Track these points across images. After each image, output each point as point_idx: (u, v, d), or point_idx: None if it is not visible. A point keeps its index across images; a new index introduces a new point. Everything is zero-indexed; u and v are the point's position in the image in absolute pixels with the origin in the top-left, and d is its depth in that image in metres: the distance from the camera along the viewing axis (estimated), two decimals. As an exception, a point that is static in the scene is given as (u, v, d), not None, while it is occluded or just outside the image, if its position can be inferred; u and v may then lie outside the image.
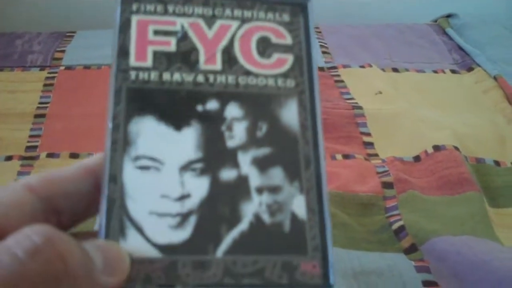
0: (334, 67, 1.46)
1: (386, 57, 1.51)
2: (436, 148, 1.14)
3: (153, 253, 0.27)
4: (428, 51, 1.56)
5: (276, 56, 0.32)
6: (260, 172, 0.29)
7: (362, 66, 1.46)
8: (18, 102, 1.29)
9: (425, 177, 1.09)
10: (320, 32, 1.62)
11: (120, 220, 0.27)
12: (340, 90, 1.37)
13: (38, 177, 0.29)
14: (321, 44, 1.56)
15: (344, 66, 1.46)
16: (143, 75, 0.30)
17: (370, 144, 1.20)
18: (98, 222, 0.28)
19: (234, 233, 0.28)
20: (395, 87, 1.38)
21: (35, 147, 1.17)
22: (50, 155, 1.13)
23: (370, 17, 1.82)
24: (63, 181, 0.29)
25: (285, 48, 0.32)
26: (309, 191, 0.29)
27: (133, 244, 0.27)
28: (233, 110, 0.30)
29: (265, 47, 0.32)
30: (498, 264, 0.82)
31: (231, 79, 0.31)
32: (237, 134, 0.30)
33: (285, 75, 0.31)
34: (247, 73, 0.31)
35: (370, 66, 1.45)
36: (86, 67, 1.42)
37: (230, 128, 0.30)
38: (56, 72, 1.40)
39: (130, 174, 0.28)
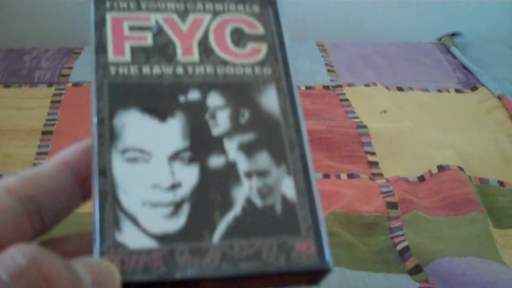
0: (339, 86, 1.47)
1: (390, 75, 1.52)
2: (441, 168, 1.15)
3: (150, 243, 0.27)
4: (432, 69, 1.57)
5: (250, 45, 0.33)
6: (247, 157, 0.29)
7: (367, 85, 1.47)
8: (25, 118, 1.30)
9: (429, 198, 1.10)
10: (325, 50, 1.63)
11: (114, 213, 0.27)
12: (345, 108, 1.38)
13: (15, 178, 0.28)
14: (327, 62, 1.57)
15: (349, 85, 1.47)
16: (123, 70, 0.31)
17: (375, 164, 1.20)
18: (92, 217, 0.28)
19: (228, 218, 0.28)
20: (400, 106, 1.38)
21: (45, 153, 1.18)
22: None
23: (374, 35, 1.83)
24: (40, 179, 0.28)
25: (258, 38, 0.33)
26: (296, 173, 0.29)
27: (129, 235, 0.27)
28: (214, 99, 0.31)
29: (239, 37, 0.33)
30: (503, 286, 0.82)
31: (209, 69, 0.31)
32: (221, 121, 0.30)
33: (261, 63, 0.32)
34: (224, 63, 0.32)
35: (375, 84, 1.46)
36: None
37: (213, 116, 0.30)
38: (63, 89, 1.41)
39: (119, 166, 0.28)
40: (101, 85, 0.30)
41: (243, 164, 0.29)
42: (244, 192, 0.29)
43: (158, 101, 0.30)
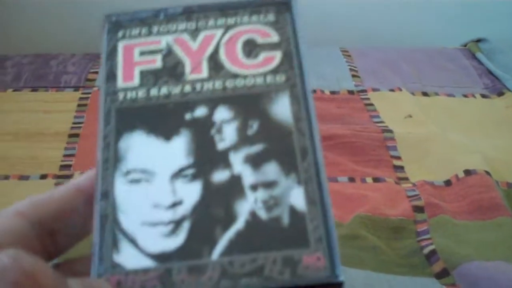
0: (364, 91, 1.47)
1: (415, 81, 1.52)
2: (467, 172, 1.14)
3: (147, 262, 0.27)
4: (457, 75, 1.56)
5: (263, 55, 0.32)
6: (254, 169, 0.28)
7: (391, 90, 1.46)
8: (52, 121, 1.32)
9: (456, 202, 1.09)
10: (349, 55, 1.63)
11: (113, 235, 0.27)
12: (370, 113, 1.38)
13: (27, 202, 0.29)
14: (351, 67, 1.56)
15: (374, 90, 1.47)
16: (130, 94, 0.31)
17: (400, 168, 1.20)
18: (93, 239, 0.28)
19: (230, 233, 0.27)
20: (425, 111, 1.38)
21: (69, 166, 1.19)
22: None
23: (399, 41, 1.82)
24: (53, 203, 0.29)
25: (272, 46, 0.32)
26: (308, 181, 0.28)
27: (127, 256, 0.27)
28: (222, 113, 0.30)
29: (251, 48, 0.32)
30: (532, 291, 0.81)
31: (218, 84, 0.31)
32: (227, 135, 0.29)
33: (274, 71, 0.31)
34: (234, 76, 0.31)
35: (400, 89, 1.46)
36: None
37: (219, 131, 0.29)
38: (89, 93, 1.43)
39: (121, 189, 0.28)
40: (108, 112, 0.30)
41: (248, 177, 0.28)
42: (248, 205, 0.28)
43: (163, 121, 0.30)
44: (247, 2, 0.33)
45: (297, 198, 0.28)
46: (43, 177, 1.16)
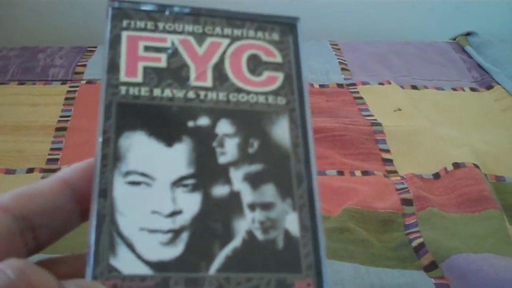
0: (353, 84, 1.46)
1: (405, 74, 1.52)
2: (456, 165, 1.14)
3: (144, 270, 0.26)
4: (447, 69, 1.56)
5: (266, 74, 0.32)
6: (252, 189, 0.29)
7: (381, 83, 1.46)
8: (39, 115, 1.31)
9: (444, 195, 1.09)
10: (339, 49, 1.63)
11: (110, 237, 0.27)
12: (359, 106, 1.37)
13: (10, 195, 0.28)
14: (340, 61, 1.56)
15: (363, 83, 1.46)
16: (133, 90, 0.30)
17: (389, 161, 1.20)
18: (88, 239, 0.27)
19: (227, 250, 0.27)
20: (414, 104, 1.38)
21: (56, 159, 1.18)
22: (71, 168, 1.14)
23: (389, 35, 1.82)
24: (37, 197, 0.28)
25: (275, 66, 0.32)
26: (302, 208, 0.29)
27: (124, 260, 0.26)
28: (224, 127, 0.30)
29: (255, 64, 0.32)
30: (520, 283, 0.81)
31: (222, 95, 0.31)
32: (228, 150, 0.29)
33: (275, 93, 0.31)
34: (238, 90, 0.31)
35: (389, 83, 1.46)
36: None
37: (221, 144, 0.29)
38: (77, 86, 1.42)
39: (120, 189, 0.28)
40: (109, 104, 0.29)
41: (247, 195, 0.29)
42: (246, 224, 0.28)
43: (166, 125, 0.29)
44: (254, 15, 0.33)
45: (292, 223, 0.28)
46: (30, 170, 1.15)
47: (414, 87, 1.47)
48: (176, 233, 0.27)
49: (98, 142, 0.28)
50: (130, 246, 0.27)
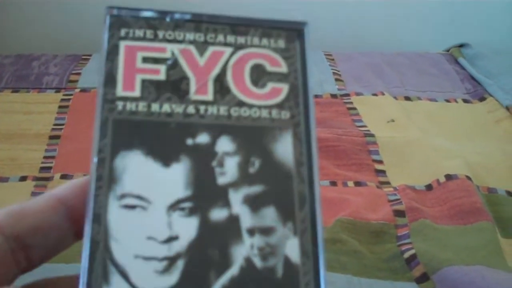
0: (347, 95, 1.47)
1: (398, 85, 1.52)
2: (448, 177, 1.14)
3: None
4: (440, 80, 1.57)
5: (270, 85, 0.30)
6: (252, 212, 0.27)
7: (374, 94, 1.47)
8: (33, 123, 1.31)
9: (437, 206, 1.09)
10: (333, 59, 1.63)
11: (103, 264, 0.25)
12: (353, 117, 1.38)
13: (2, 214, 0.26)
14: (334, 71, 1.57)
15: (357, 94, 1.47)
16: (130, 106, 0.28)
17: (382, 172, 1.20)
18: (81, 265, 0.26)
19: (224, 279, 0.26)
20: (408, 116, 1.38)
21: (49, 168, 1.18)
22: (64, 176, 1.14)
23: (382, 46, 1.83)
24: (30, 216, 0.27)
25: (280, 77, 0.30)
26: (303, 233, 0.27)
27: None
28: (224, 144, 0.28)
29: (259, 75, 0.30)
30: (511, 295, 0.81)
31: (223, 110, 0.29)
32: (228, 170, 0.28)
33: (279, 106, 0.29)
34: (240, 104, 0.29)
35: (383, 94, 1.46)
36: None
37: (221, 164, 0.28)
38: (71, 94, 1.42)
39: (115, 214, 0.26)
40: (105, 121, 0.28)
41: (246, 219, 0.27)
42: (244, 250, 0.26)
43: (164, 143, 0.28)
44: (259, 21, 0.31)
45: (292, 249, 0.27)
46: (23, 179, 1.15)
47: (407, 98, 1.47)
48: (171, 260, 0.26)
49: (93, 162, 0.27)
50: (124, 275, 0.25)
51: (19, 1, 1.81)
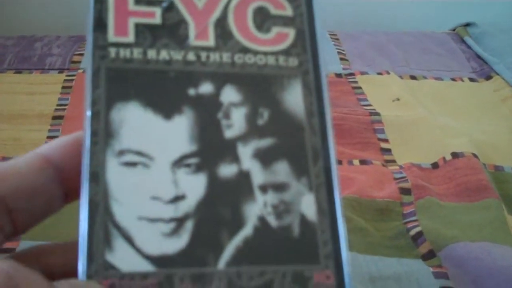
0: (352, 74, 1.46)
1: (403, 64, 1.51)
2: (455, 155, 1.13)
3: (146, 266, 0.23)
4: (446, 59, 1.55)
5: (275, 30, 0.28)
6: (263, 167, 0.25)
7: (379, 73, 1.45)
8: (36, 103, 1.30)
9: (443, 184, 1.09)
10: (337, 39, 1.62)
11: (105, 228, 0.23)
12: (358, 96, 1.37)
13: None
14: (339, 51, 1.55)
15: (362, 73, 1.46)
16: (124, 53, 0.26)
17: (388, 151, 1.19)
18: (79, 230, 0.24)
19: (237, 240, 0.24)
20: (413, 94, 1.37)
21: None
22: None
23: (388, 25, 1.82)
24: (13, 176, 0.24)
25: (285, 21, 0.28)
26: (319, 189, 0.25)
27: (122, 256, 0.23)
28: (230, 94, 0.26)
29: (263, 19, 0.28)
30: (518, 271, 0.81)
31: (226, 57, 0.27)
32: (235, 122, 0.26)
33: (286, 52, 0.27)
34: (244, 50, 0.27)
35: (388, 73, 1.45)
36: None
37: (227, 116, 0.26)
38: (74, 75, 1.41)
39: (114, 172, 0.24)
40: (97, 70, 0.26)
41: (258, 175, 0.25)
42: (257, 208, 0.25)
43: (164, 93, 0.26)
44: None
45: (308, 206, 0.25)
46: (26, 159, 1.14)
47: (413, 77, 1.46)
48: (179, 222, 0.24)
49: (86, 116, 0.25)
50: (128, 239, 0.24)
51: (21, -18, 1.80)
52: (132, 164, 0.25)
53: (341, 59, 1.52)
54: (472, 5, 1.89)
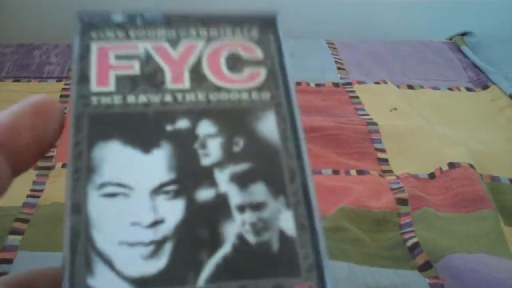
0: (349, 83, 1.46)
1: (401, 73, 1.51)
2: (451, 165, 1.14)
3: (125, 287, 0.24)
4: (443, 68, 1.56)
5: (248, 70, 0.29)
6: (241, 189, 0.26)
7: (377, 83, 1.46)
8: (34, 112, 1.30)
9: (440, 194, 1.09)
10: (335, 48, 1.63)
11: (86, 254, 0.24)
12: (355, 106, 1.37)
13: None
14: (336, 60, 1.56)
15: (359, 82, 1.46)
16: (105, 100, 0.27)
17: (385, 161, 1.20)
18: (62, 258, 0.24)
19: (217, 258, 0.25)
20: (410, 104, 1.37)
21: (51, 157, 1.18)
22: (65, 166, 1.14)
23: (385, 34, 1.82)
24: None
25: (256, 62, 0.30)
26: (297, 205, 0.26)
27: (103, 279, 0.24)
28: (205, 127, 0.27)
29: (235, 62, 0.29)
30: (514, 283, 0.81)
31: (201, 96, 0.28)
32: (212, 151, 0.27)
33: (259, 88, 0.29)
34: (218, 89, 0.28)
35: (385, 82, 1.46)
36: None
37: (204, 146, 0.27)
38: (72, 84, 1.41)
39: (95, 203, 0.25)
40: (80, 116, 0.27)
41: (235, 197, 0.26)
42: (235, 227, 0.25)
43: (142, 131, 0.27)
44: (230, 16, 0.31)
45: (287, 222, 0.26)
46: (24, 168, 1.14)
47: (410, 87, 1.47)
48: (158, 244, 0.25)
49: (69, 156, 0.26)
50: (109, 263, 0.24)
51: (20, -10, 1.81)
52: (113, 195, 0.25)
53: (339, 68, 1.52)
54: (469, 15, 1.90)
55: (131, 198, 0.25)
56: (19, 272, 0.26)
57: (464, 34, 1.73)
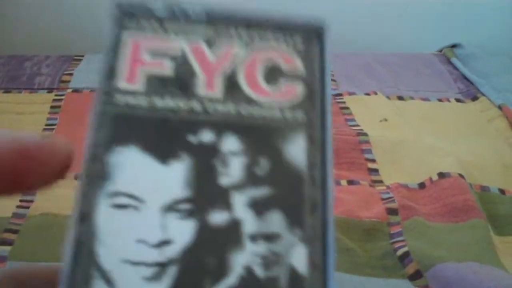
0: (340, 94, 1.47)
1: (391, 85, 1.52)
2: (441, 175, 1.14)
3: None
4: (433, 79, 1.57)
5: (285, 84, 0.27)
6: (256, 216, 0.24)
7: (367, 94, 1.47)
8: (25, 123, 1.30)
9: (430, 204, 1.09)
10: (325, 59, 1.63)
11: (86, 269, 0.23)
12: (345, 117, 1.38)
13: None
14: (327, 71, 1.56)
15: (350, 93, 1.47)
16: (131, 99, 0.26)
17: (375, 171, 1.20)
18: (63, 268, 0.24)
19: None
20: (400, 115, 1.38)
21: (41, 168, 1.17)
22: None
23: (375, 46, 1.83)
24: None
25: (296, 77, 0.27)
26: (313, 241, 0.24)
27: None
28: (230, 143, 0.26)
29: (273, 74, 0.27)
30: (503, 292, 0.81)
31: (232, 108, 0.26)
32: (232, 170, 0.25)
33: (294, 107, 0.27)
34: (251, 102, 0.27)
35: (375, 93, 1.46)
36: (93, 90, 1.42)
37: (225, 163, 0.25)
38: (63, 95, 1.41)
39: (104, 213, 0.24)
40: (102, 115, 0.25)
41: (249, 224, 0.24)
42: (244, 258, 0.24)
43: (163, 139, 0.25)
44: (275, 20, 0.28)
45: (299, 258, 0.24)
46: (14, 178, 1.14)
47: (400, 98, 1.47)
48: (162, 266, 0.24)
49: (85, 157, 0.25)
50: (109, 282, 0.23)
51: (11, 2, 1.81)
52: (123, 207, 0.24)
53: (329, 79, 1.53)
54: (459, 27, 1.91)
55: (141, 212, 0.24)
56: (13, 268, 0.26)
57: (454, 46, 1.74)
